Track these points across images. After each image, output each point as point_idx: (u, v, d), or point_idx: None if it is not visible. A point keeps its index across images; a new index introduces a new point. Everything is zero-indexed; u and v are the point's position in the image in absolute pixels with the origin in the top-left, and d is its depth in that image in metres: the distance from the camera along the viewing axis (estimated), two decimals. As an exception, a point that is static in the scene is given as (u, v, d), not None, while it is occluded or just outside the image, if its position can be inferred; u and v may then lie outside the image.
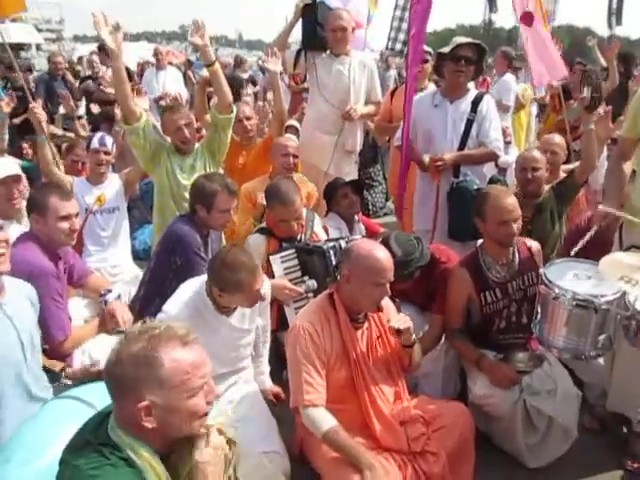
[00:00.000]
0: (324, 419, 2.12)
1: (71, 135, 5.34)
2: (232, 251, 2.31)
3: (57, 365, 2.36)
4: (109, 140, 3.57)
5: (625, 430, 2.70)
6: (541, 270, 2.33)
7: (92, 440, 1.33)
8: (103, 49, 7.82)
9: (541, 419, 2.49)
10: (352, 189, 3.63)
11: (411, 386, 2.61)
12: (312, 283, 2.88)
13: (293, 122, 5.79)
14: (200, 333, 2.21)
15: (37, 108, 3.56)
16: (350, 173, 4.16)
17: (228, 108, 3.40)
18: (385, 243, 2.64)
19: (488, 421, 2.61)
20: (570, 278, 2.20)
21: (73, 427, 1.40)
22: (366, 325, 2.35)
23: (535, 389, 2.51)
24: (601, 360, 2.62)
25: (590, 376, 2.78)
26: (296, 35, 4.49)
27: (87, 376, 2.30)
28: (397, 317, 2.30)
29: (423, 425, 2.32)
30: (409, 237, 2.74)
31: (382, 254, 2.22)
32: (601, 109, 3.17)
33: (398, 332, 2.26)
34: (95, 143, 3.53)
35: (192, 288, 2.39)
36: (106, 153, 3.53)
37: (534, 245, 2.77)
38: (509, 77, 6.48)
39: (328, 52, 4.03)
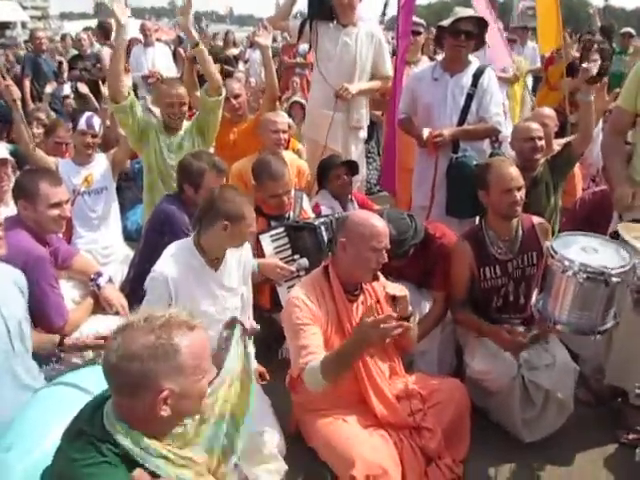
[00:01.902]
0: (316, 363, 2.08)
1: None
2: (223, 187, 2.44)
3: (55, 337, 2.34)
4: (96, 121, 3.45)
5: (620, 403, 2.71)
6: (547, 243, 2.29)
7: (87, 430, 1.30)
8: (102, 27, 7.65)
9: (539, 394, 2.50)
10: (346, 170, 3.57)
11: (407, 364, 2.61)
12: (304, 261, 2.86)
13: (298, 99, 5.68)
14: (189, 289, 2.28)
15: (12, 86, 3.46)
16: (357, 152, 3.99)
17: (217, 90, 3.36)
18: None
19: (485, 396, 2.62)
20: (577, 251, 2.16)
21: (70, 414, 1.38)
22: (361, 298, 2.33)
23: (533, 364, 2.52)
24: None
25: (585, 350, 2.78)
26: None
27: (86, 346, 2.34)
28: (394, 285, 2.30)
29: (420, 401, 2.33)
30: (402, 215, 2.71)
31: (378, 221, 2.23)
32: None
33: (394, 299, 2.25)
34: (82, 124, 3.40)
35: (180, 246, 2.39)
36: (93, 136, 3.42)
37: (540, 223, 2.73)
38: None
39: (335, 22, 3.82)
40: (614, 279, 2.01)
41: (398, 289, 2.26)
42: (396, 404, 2.27)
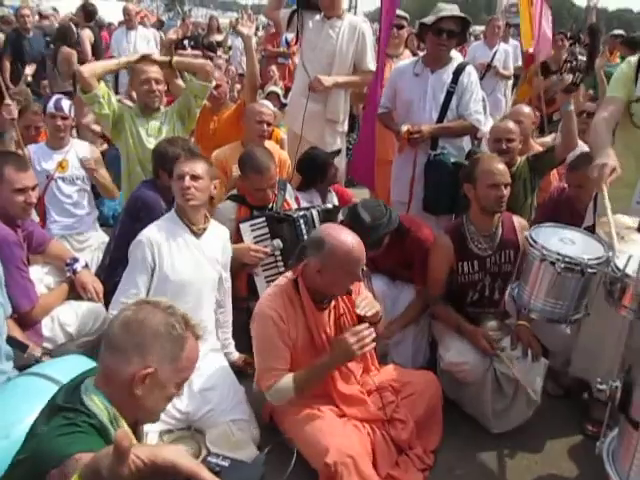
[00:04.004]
0: (287, 380, 2.16)
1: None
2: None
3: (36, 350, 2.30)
4: (66, 103, 3.34)
5: (586, 396, 2.79)
6: (526, 233, 2.32)
7: (62, 405, 1.29)
8: (85, 9, 7.45)
9: (510, 385, 2.55)
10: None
11: (381, 356, 2.63)
12: (277, 242, 2.87)
13: (275, 88, 5.65)
14: (171, 255, 2.40)
15: None
16: (335, 145, 3.93)
17: (206, 75, 3.34)
18: (353, 210, 2.64)
19: (458, 388, 2.65)
20: (555, 242, 2.21)
21: (40, 405, 1.36)
22: (333, 304, 2.32)
23: (505, 357, 2.55)
24: (567, 329, 2.67)
25: (555, 345, 2.84)
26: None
27: None
28: (363, 302, 2.24)
29: (392, 393, 2.36)
30: (377, 203, 2.74)
31: (354, 243, 2.15)
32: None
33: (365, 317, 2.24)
34: (51, 107, 3.30)
35: (164, 217, 2.55)
36: (63, 118, 3.31)
37: (520, 223, 2.76)
38: (507, 47, 6.63)
39: (322, 14, 3.76)
40: (590, 270, 2.06)
41: (367, 307, 2.22)
42: (366, 399, 2.29)
